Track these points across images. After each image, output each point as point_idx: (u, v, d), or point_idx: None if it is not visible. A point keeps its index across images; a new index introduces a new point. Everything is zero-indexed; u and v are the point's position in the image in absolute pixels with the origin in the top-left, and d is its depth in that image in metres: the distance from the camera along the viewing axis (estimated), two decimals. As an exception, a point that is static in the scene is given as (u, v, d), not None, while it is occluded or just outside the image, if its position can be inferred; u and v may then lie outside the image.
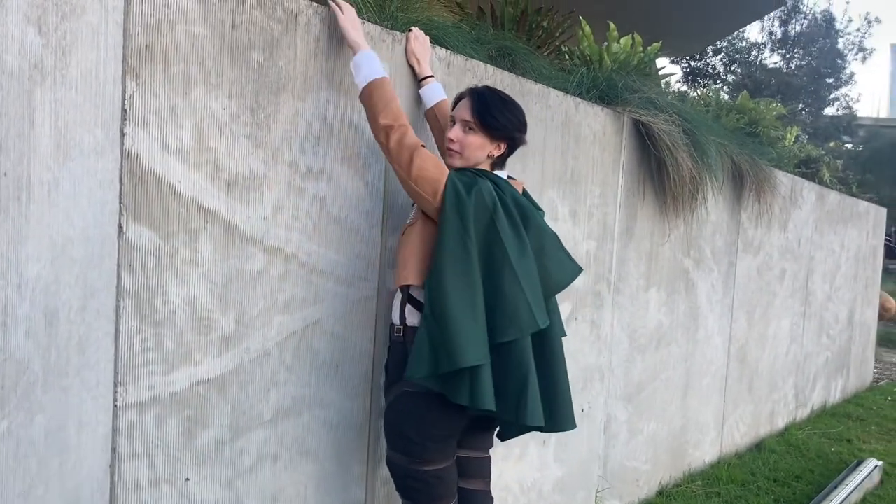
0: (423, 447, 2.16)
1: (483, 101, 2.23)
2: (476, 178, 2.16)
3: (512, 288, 2.09)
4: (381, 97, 2.14)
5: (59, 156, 1.60)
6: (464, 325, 2.02)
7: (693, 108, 4.48)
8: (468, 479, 2.34)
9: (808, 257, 5.97)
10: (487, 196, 2.11)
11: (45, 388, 1.62)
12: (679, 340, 4.28)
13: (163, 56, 1.83)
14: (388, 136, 2.12)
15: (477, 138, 2.23)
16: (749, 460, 4.98)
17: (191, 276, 1.94)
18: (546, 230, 2.26)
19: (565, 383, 2.26)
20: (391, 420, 2.23)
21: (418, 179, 2.11)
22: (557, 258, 2.26)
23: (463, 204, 2.07)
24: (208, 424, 2.02)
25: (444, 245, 2.07)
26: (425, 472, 2.18)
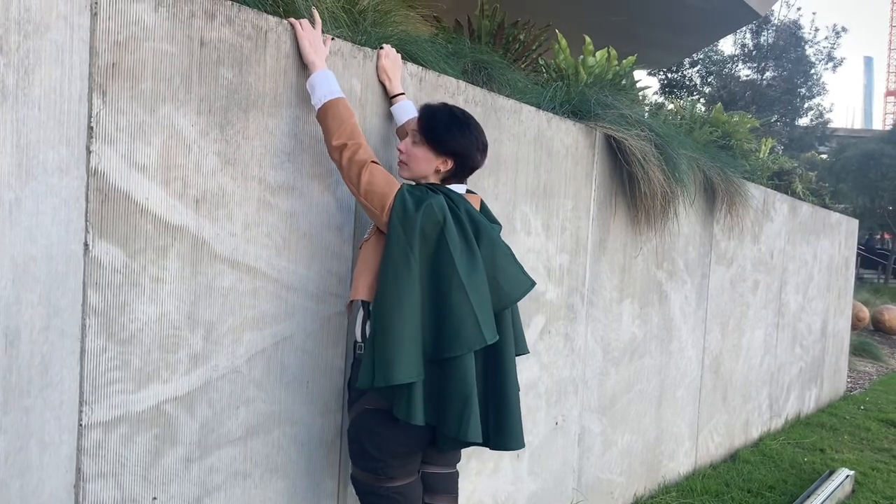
0: (385, 464, 2.16)
1: (430, 116, 2.24)
2: (428, 193, 2.16)
3: (459, 303, 2.09)
4: (334, 117, 2.16)
5: (21, 174, 1.59)
6: (399, 343, 2.03)
7: (665, 123, 4.52)
8: (434, 494, 2.34)
9: (781, 268, 6.04)
10: (438, 210, 2.11)
11: (6, 408, 1.60)
12: (653, 352, 4.31)
13: (130, 73, 1.83)
14: (340, 154, 2.15)
15: (421, 151, 2.24)
16: (723, 471, 5.01)
17: (158, 294, 1.93)
18: (499, 244, 2.25)
19: (515, 401, 2.25)
20: (353, 437, 2.23)
21: (367, 194, 2.12)
22: (509, 272, 2.25)
23: (409, 219, 2.08)
24: (176, 442, 2.00)
25: (388, 260, 2.08)
26: (388, 489, 2.18)
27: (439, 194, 2.18)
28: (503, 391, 2.23)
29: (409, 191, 2.14)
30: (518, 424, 2.25)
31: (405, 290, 2.05)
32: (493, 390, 2.23)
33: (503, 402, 2.23)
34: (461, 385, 2.11)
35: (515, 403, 2.25)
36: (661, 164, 3.75)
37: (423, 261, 2.10)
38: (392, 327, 2.03)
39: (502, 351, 2.24)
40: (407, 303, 2.05)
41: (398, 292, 2.05)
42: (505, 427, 2.23)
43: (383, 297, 2.06)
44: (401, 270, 2.06)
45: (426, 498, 2.32)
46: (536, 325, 3.32)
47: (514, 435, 2.24)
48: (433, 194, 2.16)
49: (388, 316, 2.04)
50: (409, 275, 2.06)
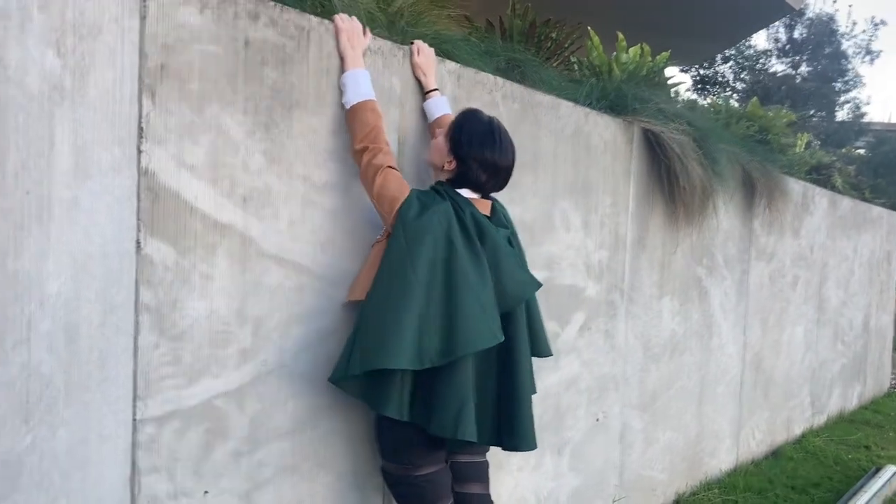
0: (411, 453, 2.22)
1: (466, 116, 2.31)
2: (435, 199, 2.20)
3: (465, 305, 2.11)
4: (359, 121, 2.21)
5: (78, 174, 1.63)
6: (384, 337, 2.05)
7: (703, 117, 4.49)
8: (466, 483, 2.37)
9: (822, 263, 5.95)
10: (443, 216, 2.15)
11: (68, 402, 1.65)
12: (693, 349, 4.28)
13: (178, 75, 1.86)
14: (359, 157, 2.21)
15: (441, 142, 2.30)
16: (766, 468, 4.95)
17: (208, 291, 1.96)
18: (501, 247, 2.26)
19: (528, 402, 2.28)
20: (382, 431, 2.27)
21: (379, 197, 2.18)
22: (512, 274, 2.26)
23: (411, 223, 2.11)
24: (227, 437, 2.04)
25: (385, 264, 2.12)
26: (416, 478, 2.24)
27: (446, 200, 2.22)
28: (515, 392, 2.26)
29: (418, 196, 2.18)
30: (530, 425, 2.28)
31: (397, 295, 2.08)
32: (505, 391, 2.26)
33: (514, 403, 2.26)
34: (459, 386, 2.14)
35: (527, 404, 2.28)
36: (700, 159, 3.72)
37: (429, 266, 2.11)
38: (377, 323, 2.07)
39: (514, 351, 2.27)
40: (398, 305, 2.07)
41: (389, 294, 2.09)
42: (516, 428, 2.26)
43: (374, 297, 2.12)
44: (396, 275, 2.10)
45: (457, 486, 2.35)
46: (576, 322, 3.31)
47: (525, 436, 2.27)
48: (440, 200, 2.20)
49: (374, 312, 2.09)
50: (404, 280, 2.08)
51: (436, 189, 2.28)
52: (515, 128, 2.91)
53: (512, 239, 2.39)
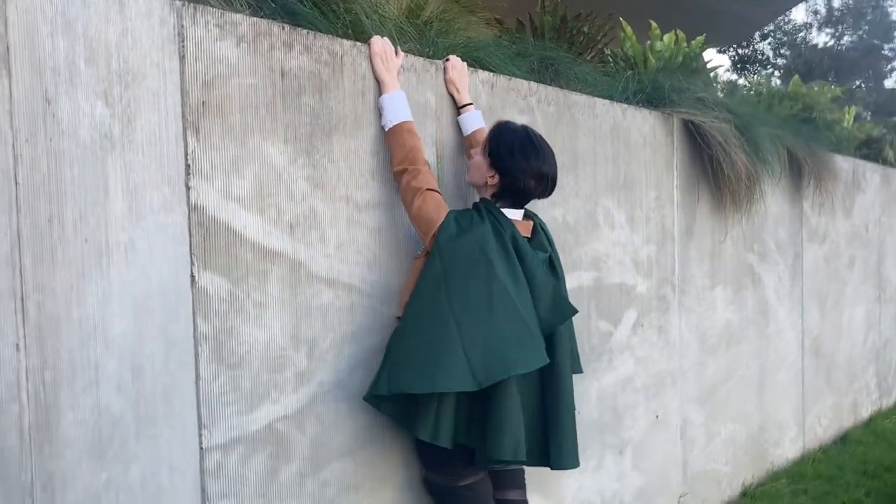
0: (452, 464, 2.26)
1: (501, 129, 2.32)
2: (473, 220, 2.20)
3: (516, 328, 2.12)
4: (397, 142, 2.24)
5: (132, 217, 1.69)
6: (411, 357, 2.08)
7: (743, 101, 4.42)
8: (504, 489, 2.40)
9: (878, 241, 5.80)
10: (481, 238, 2.15)
11: (137, 437, 1.70)
12: (750, 337, 4.21)
13: (219, 109, 1.91)
14: (399, 178, 2.24)
15: (480, 159, 2.32)
16: (835, 454, 4.84)
17: (262, 318, 2.01)
18: (538, 271, 2.25)
19: (571, 421, 2.30)
20: (420, 444, 2.30)
21: (417, 218, 2.20)
22: (548, 299, 2.25)
23: (447, 246, 2.13)
24: (290, 459, 2.08)
25: (420, 285, 2.15)
26: (459, 488, 2.28)
27: (485, 221, 2.21)
28: (559, 411, 2.29)
29: (455, 218, 2.18)
30: (574, 443, 2.31)
31: (425, 314, 2.12)
32: (549, 410, 2.30)
33: (558, 422, 2.29)
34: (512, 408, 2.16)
35: (571, 422, 2.31)
36: (742, 145, 3.67)
37: (465, 289, 2.12)
38: (408, 344, 2.11)
39: (557, 371, 2.29)
40: (426, 324, 2.10)
41: (420, 314, 2.13)
42: (562, 445, 2.29)
43: (406, 315, 2.16)
44: (428, 295, 2.13)
45: (497, 493, 2.38)
46: (628, 320, 3.29)
47: (570, 453, 2.30)
48: (479, 221, 2.20)
49: (406, 333, 2.13)
50: (435, 300, 2.11)
51: (477, 208, 2.28)
52: (553, 130, 2.91)
53: (554, 259, 2.41)
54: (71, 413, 1.53)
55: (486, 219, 2.22)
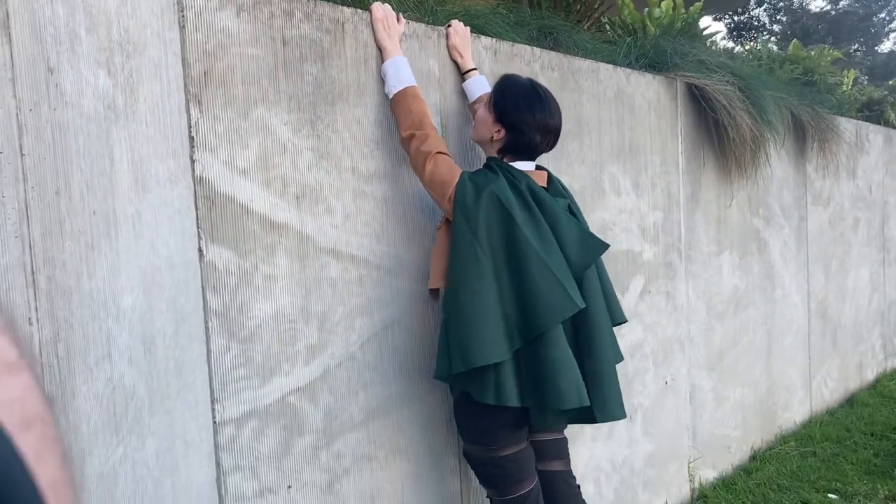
0: (494, 435, 2.20)
1: (504, 83, 2.27)
2: (488, 177, 2.15)
3: (541, 276, 2.06)
4: (403, 108, 2.20)
5: (138, 189, 1.66)
6: (473, 328, 2.05)
7: (746, 66, 4.37)
8: (547, 461, 2.36)
9: (882, 203, 5.78)
10: (500, 194, 2.10)
11: (152, 411, 1.69)
12: (757, 302, 4.20)
13: (221, 80, 1.88)
14: (409, 144, 2.19)
15: (484, 114, 2.27)
16: (842, 416, 4.86)
17: (272, 291, 1.99)
18: (561, 215, 2.19)
19: (613, 371, 2.22)
20: (459, 416, 2.29)
21: (431, 183, 2.16)
22: (575, 240, 2.18)
23: (470, 208, 2.09)
24: (304, 431, 2.07)
25: (455, 251, 2.11)
26: (501, 458, 2.22)
27: (499, 176, 2.16)
28: (599, 362, 2.20)
29: (470, 178, 2.14)
30: (618, 394, 2.22)
31: (473, 278, 2.07)
32: (589, 362, 2.19)
33: (600, 374, 2.19)
34: (564, 356, 2.10)
35: (613, 373, 2.22)
36: (747, 108, 3.63)
37: (496, 246, 2.10)
38: (464, 315, 2.07)
39: (592, 320, 2.21)
40: (478, 289, 2.07)
41: (466, 280, 2.08)
42: (607, 398, 2.19)
43: (453, 287, 2.11)
44: (467, 259, 2.08)
45: (540, 464, 2.33)
46: (636, 287, 3.28)
47: (614, 405, 2.20)
48: (493, 177, 2.15)
49: (459, 304, 2.09)
50: (477, 262, 2.08)
51: (488, 166, 2.24)
52: (557, 96, 2.85)
53: (572, 206, 2.34)
54: (85, 386, 1.51)
55: (499, 174, 2.18)
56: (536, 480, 2.29)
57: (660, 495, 3.46)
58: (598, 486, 3.10)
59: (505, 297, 2.09)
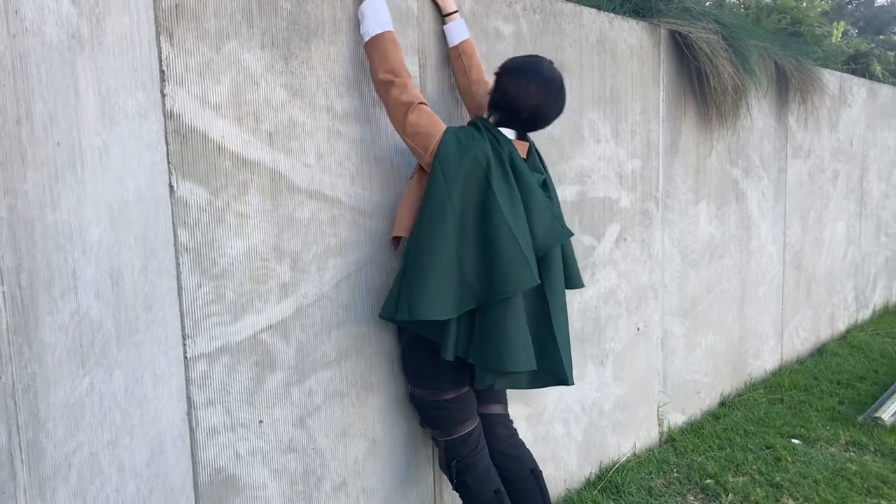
0: (442, 378, 2.28)
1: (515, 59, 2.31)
2: (473, 138, 2.17)
3: (508, 246, 2.12)
4: (380, 52, 2.17)
5: (105, 121, 1.64)
6: (426, 282, 2.10)
7: (731, 14, 4.33)
8: (487, 404, 2.46)
9: (862, 156, 5.80)
10: (482, 157, 2.14)
11: (119, 344, 1.70)
12: (732, 252, 4.24)
13: (193, 13, 1.85)
14: (387, 91, 2.16)
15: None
16: (811, 365, 4.96)
17: (244, 229, 1.99)
18: (535, 192, 2.23)
19: (566, 340, 2.31)
20: (408, 359, 2.35)
21: (413, 135, 2.16)
22: (544, 221, 2.23)
23: (451, 166, 2.11)
24: (275, 368, 2.10)
25: (426, 203, 2.13)
26: (446, 401, 2.31)
27: (485, 138, 2.19)
28: (552, 331, 2.28)
29: (455, 135, 2.16)
30: (569, 361, 2.31)
31: (437, 233, 2.11)
32: (544, 330, 2.28)
33: (552, 342, 2.28)
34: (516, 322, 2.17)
35: (565, 342, 2.31)
36: (730, 57, 3.61)
37: (468, 207, 2.13)
38: (421, 267, 2.11)
39: (550, 291, 2.28)
40: (438, 245, 2.11)
41: (431, 235, 2.11)
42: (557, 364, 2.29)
43: (416, 238, 2.14)
44: (436, 214, 2.11)
45: (480, 408, 2.44)
46: (611, 234, 3.30)
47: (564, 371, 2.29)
48: (479, 139, 2.17)
49: (417, 255, 2.12)
50: (443, 220, 2.11)
51: (475, 125, 2.25)
52: (538, 39, 2.85)
53: (548, 181, 2.40)
54: (49, 317, 1.52)
55: (485, 136, 2.20)
56: (478, 421, 2.39)
57: (629, 437, 3.54)
58: (568, 426, 3.17)
59: (466, 258, 2.13)
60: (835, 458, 3.54)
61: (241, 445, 2.04)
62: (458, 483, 2.35)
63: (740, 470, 3.42)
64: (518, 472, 2.43)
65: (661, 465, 3.46)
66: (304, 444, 2.20)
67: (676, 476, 3.37)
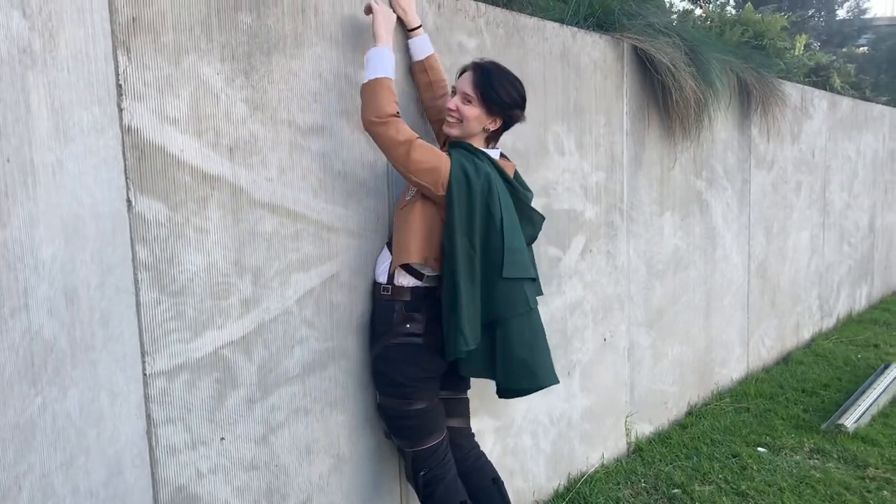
0: (413, 388, 2.31)
1: (485, 75, 2.31)
2: (475, 161, 2.26)
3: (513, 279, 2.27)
4: (377, 94, 2.16)
5: (59, 137, 1.62)
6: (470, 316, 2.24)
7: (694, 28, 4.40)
8: (449, 417, 2.48)
9: (824, 167, 5.91)
10: (484, 180, 2.23)
11: (74, 363, 1.67)
12: (697, 263, 4.29)
13: (151, 27, 1.83)
14: (378, 132, 2.17)
15: (475, 110, 2.31)
16: (777, 374, 5.02)
17: (204, 244, 1.97)
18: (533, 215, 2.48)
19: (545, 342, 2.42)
20: (381, 369, 2.36)
21: (417, 172, 2.19)
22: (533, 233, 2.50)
23: (469, 193, 2.21)
24: (237, 385, 2.08)
25: (455, 233, 2.21)
26: (417, 411, 2.33)
27: (483, 161, 2.29)
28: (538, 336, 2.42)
29: (459, 162, 2.22)
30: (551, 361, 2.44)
31: (471, 268, 2.23)
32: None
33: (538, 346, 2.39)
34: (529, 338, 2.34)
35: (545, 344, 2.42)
36: (692, 70, 3.66)
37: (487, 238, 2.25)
38: (464, 303, 2.21)
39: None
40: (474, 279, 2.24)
41: (471, 268, 2.23)
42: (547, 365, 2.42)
43: (455, 271, 2.21)
44: (467, 250, 2.22)
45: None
46: (577, 246, 3.32)
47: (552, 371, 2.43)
48: (479, 162, 2.27)
49: (461, 291, 2.21)
50: (474, 253, 2.22)
51: (467, 149, 2.32)
52: (501, 53, 2.86)
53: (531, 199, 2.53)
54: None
55: (484, 161, 2.30)
56: (446, 433, 2.41)
57: (596, 448, 3.55)
58: (536, 438, 3.17)
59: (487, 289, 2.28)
60: (799, 465, 3.57)
61: (202, 463, 2.01)
62: (426, 495, 2.35)
63: (707, 479, 3.44)
64: (480, 482, 2.45)
65: (628, 476, 3.47)
66: (268, 462, 2.17)
67: (644, 486, 3.38)
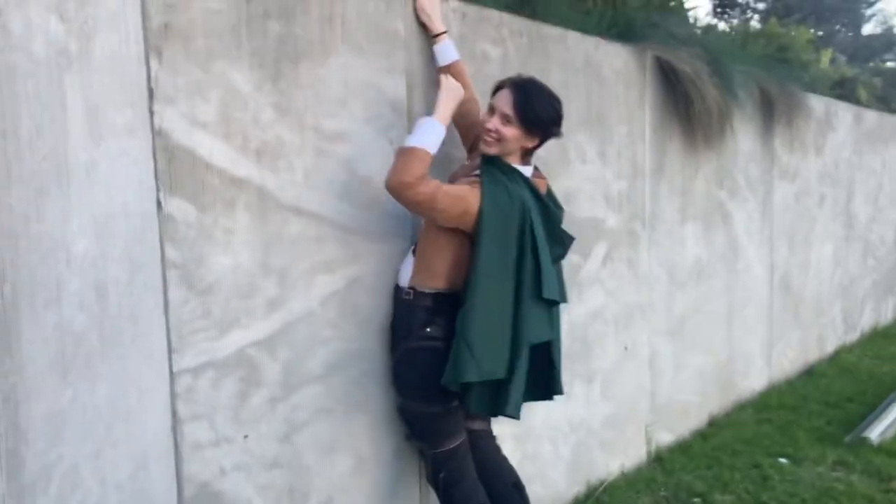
0: (433, 391, 2.31)
1: (525, 95, 2.28)
2: (507, 188, 2.25)
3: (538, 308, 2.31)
4: (410, 161, 2.13)
5: (93, 137, 1.67)
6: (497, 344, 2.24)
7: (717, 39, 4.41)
8: (470, 420, 2.49)
9: (848, 180, 5.87)
10: (518, 206, 2.25)
11: (104, 357, 1.72)
12: (719, 273, 4.28)
13: (183, 33, 1.88)
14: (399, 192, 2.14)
15: (514, 131, 2.29)
16: (799, 386, 4.98)
17: (231, 245, 2.01)
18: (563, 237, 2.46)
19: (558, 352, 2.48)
20: (401, 372, 2.38)
21: (449, 219, 2.22)
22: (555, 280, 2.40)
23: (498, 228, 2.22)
24: (261, 384, 2.11)
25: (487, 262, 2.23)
26: (436, 414, 2.35)
27: (516, 181, 2.29)
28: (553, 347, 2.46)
29: (490, 199, 2.21)
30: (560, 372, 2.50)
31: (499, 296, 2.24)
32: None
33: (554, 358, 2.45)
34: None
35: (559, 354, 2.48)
36: (714, 81, 3.67)
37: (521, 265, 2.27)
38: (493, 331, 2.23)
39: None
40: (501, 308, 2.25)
41: (501, 298, 2.25)
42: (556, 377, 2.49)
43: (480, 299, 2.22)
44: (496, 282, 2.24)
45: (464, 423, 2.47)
46: (598, 253, 3.33)
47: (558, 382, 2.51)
48: (512, 186, 2.26)
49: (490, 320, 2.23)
50: (504, 285, 2.25)
51: (499, 168, 2.30)
52: (525, 62, 2.90)
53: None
54: (31, 329, 1.53)
55: (517, 181, 2.30)
56: (465, 436, 2.43)
57: (616, 456, 3.55)
58: (556, 444, 3.18)
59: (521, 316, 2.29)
60: (822, 477, 3.54)
61: (226, 461, 2.04)
62: (445, 497, 2.37)
63: (728, 489, 3.42)
64: (501, 486, 2.46)
65: (648, 484, 3.46)
66: (290, 460, 2.20)
67: (664, 495, 3.37)
